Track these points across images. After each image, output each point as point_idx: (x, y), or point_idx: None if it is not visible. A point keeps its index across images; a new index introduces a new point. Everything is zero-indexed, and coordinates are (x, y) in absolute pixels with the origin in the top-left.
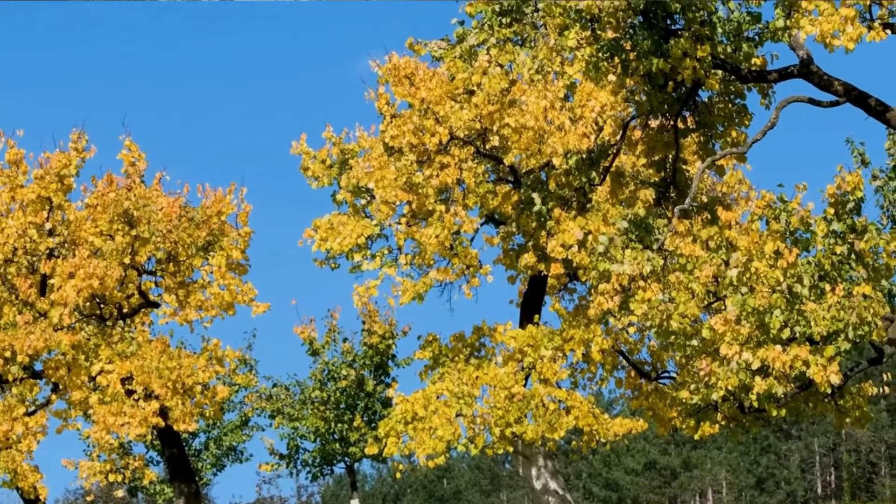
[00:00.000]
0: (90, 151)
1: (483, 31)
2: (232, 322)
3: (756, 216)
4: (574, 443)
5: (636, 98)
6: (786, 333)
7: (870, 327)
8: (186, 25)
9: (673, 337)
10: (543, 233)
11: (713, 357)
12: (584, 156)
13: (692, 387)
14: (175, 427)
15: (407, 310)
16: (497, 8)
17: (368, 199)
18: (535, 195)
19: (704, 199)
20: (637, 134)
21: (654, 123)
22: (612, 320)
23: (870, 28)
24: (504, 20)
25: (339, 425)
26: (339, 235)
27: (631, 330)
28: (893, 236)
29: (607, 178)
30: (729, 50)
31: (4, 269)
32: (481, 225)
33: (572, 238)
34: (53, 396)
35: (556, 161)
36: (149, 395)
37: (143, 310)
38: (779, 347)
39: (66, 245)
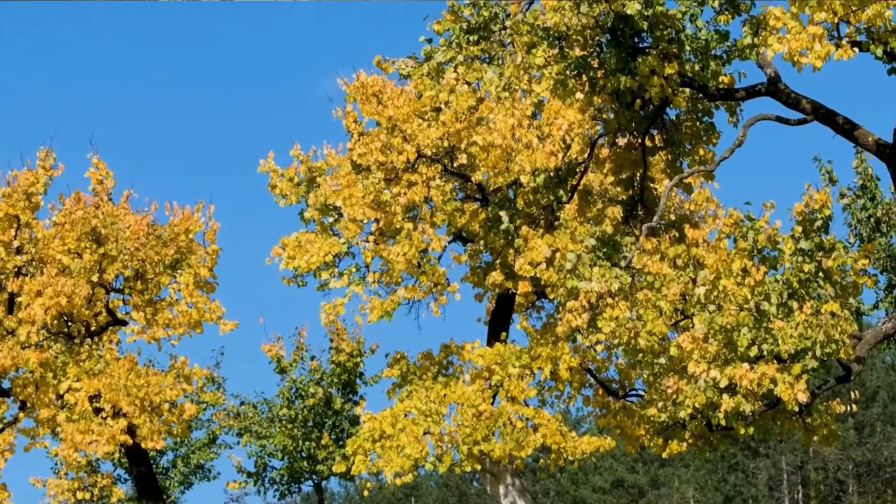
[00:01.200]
0: (58, 169)
1: (451, 49)
2: (200, 340)
3: (724, 234)
4: (542, 461)
5: (604, 116)
6: (753, 351)
7: (837, 345)
8: (153, 42)
9: (641, 355)
10: (511, 251)
11: (681, 375)
12: (551, 174)
13: (660, 405)
14: (143, 445)
15: (375, 328)
16: (465, 26)
17: (336, 216)
18: (502, 213)
19: (672, 217)
20: (605, 152)
21: (621, 141)
22: (579, 338)
23: (838, 46)
24: (472, 38)
25: (307, 443)
26: (306, 253)
27: (599, 348)
28: (861, 254)
29: (575, 196)
30: (697, 68)
31: None
32: (449, 243)
33: (540, 256)
34: (21, 414)
35: (523, 179)
36: (117, 413)
37: (110, 328)
38: (746, 365)
39: (33, 263)
